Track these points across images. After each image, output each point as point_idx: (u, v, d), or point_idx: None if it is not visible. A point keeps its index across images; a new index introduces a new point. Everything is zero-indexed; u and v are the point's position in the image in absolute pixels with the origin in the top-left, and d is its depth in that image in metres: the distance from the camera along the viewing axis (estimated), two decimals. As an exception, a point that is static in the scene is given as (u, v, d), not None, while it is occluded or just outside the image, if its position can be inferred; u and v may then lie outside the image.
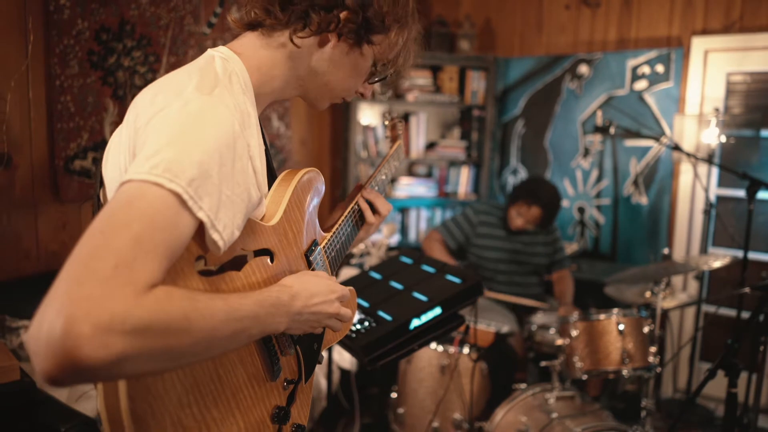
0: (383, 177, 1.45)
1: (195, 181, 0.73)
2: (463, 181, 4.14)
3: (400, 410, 2.67)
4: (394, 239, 4.02)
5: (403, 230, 4.12)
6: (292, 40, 0.94)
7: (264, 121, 3.46)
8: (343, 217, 1.25)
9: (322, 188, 1.13)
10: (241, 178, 0.82)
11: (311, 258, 1.08)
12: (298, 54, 0.97)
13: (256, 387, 0.92)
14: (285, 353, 0.99)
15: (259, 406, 0.93)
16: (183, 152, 0.74)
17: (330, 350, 2.48)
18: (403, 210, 4.11)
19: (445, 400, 2.56)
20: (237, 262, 0.88)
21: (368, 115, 3.97)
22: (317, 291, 0.96)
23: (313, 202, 1.08)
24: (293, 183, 1.02)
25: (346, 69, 1.01)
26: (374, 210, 1.34)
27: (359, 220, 1.31)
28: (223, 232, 0.79)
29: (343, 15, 0.94)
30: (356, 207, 1.29)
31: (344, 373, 2.91)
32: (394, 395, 2.72)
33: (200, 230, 0.77)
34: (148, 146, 0.76)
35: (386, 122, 1.55)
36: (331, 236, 1.19)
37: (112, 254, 0.65)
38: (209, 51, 0.95)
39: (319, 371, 2.76)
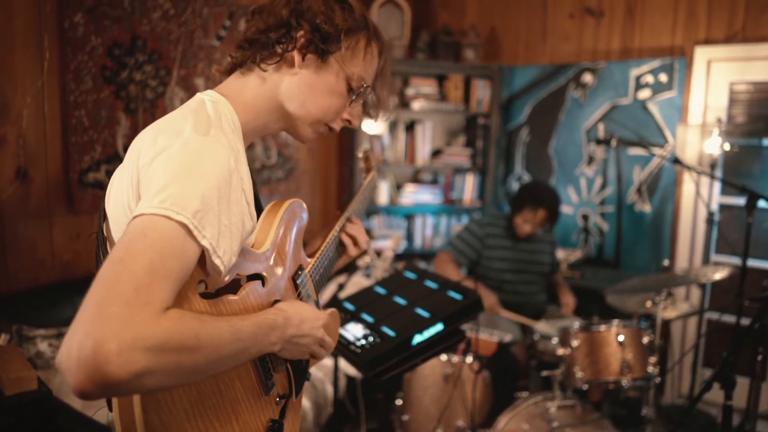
0: (361, 206, 1.54)
1: (199, 213, 0.81)
2: (468, 188, 4.19)
3: (405, 417, 2.72)
4: (400, 247, 4.08)
5: (409, 237, 4.17)
6: (260, 66, 1.02)
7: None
8: (325, 243, 1.33)
9: (306, 217, 1.20)
10: (237, 209, 0.89)
11: (298, 281, 1.15)
12: (273, 83, 1.04)
13: (253, 401, 0.98)
14: (277, 370, 1.05)
15: (255, 419, 0.99)
16: (187, 187, 0.81)
17: (336, 358, 2.54)
18: (408, 217, 4.16)
19: (448, 408, 2.61)
20: (233, 286, 0.94)
21: (374, 124, 4.02)
22: (306, 317, 1.03)
23: (297, 231, 1.16)
24: (280, 213, 1.10)
25: (320, 90, 1.05)
26: (355, 242, 1.43)
27: (339, 246, 1.41)
28: (224, 258, 0.86)
29: (299, 33, 1.01)
30: (337, 234, 1.38)
31: (350, 380, 2.97)
32: (399, 402, 2.78)
33: (200, 257, 0.83)
34: (155, 183, 0.83)
35: (360, 155, 1.65)
36: (316, 261, 1.26)
37: (132, 279, 0.72)
38: (198, 95, 1.02)
39: (326, 378, 2.83)
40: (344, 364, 2.94)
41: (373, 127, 4.00)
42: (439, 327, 1.66)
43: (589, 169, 3.96)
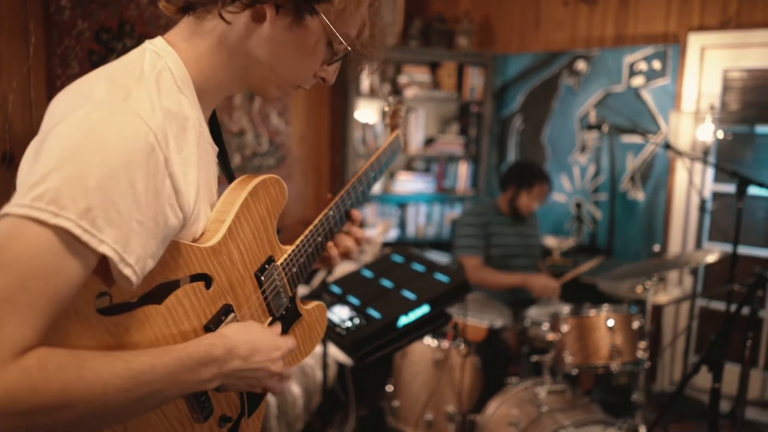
0: (372, 175, 1.26)
1: (92, 211, 0.63)
2: (461, 176, 4.18)
3: (395, 403, 2.72)
4: (392, 234, 4.07)
5: (402, 226, 4.16)
6: (221, 15, 0.80)
7: (263, 118, 3.52)
8: (312, 226, 1.09)
9: (283, 198, 0.98)
10: (154, 200, 0.71)
11: (262, 277, 0.95)
12: (235, 37, 0.83)
13: (179, 430, 0.80)
14: (221, 389, 0.85)
15: None
16: (75, 177, 0.63)
17: (325, 344, 2.54)
18: (401, 205, 4.15)
19: (438, 394, 2.61)
20: (156, 294, 0.76)
21: (367, 111, 4.01)
22: (260, 347, 0.85)
23: (267, 213, 0.95)
24: (243, 194, 0.90)
25: (292, 49, 0.85)
26: (347, 252, 1.17)
27: (333, 230, 1.14)
28: (136, 265, 0.68)
29: None
30: (331, 214, 1.13)
31: (341, 366, 2.97)
32: (389, 388, 2.78)
33: (102, 262, 0.66)
34: (36, 170, 0.64)
35: (386, 107, 1.39)
36: (294, 250, 1.04)
37: None
38: (145, 43, 0.83)
39: (317, 365, 2.82)
40: (334, 351, 2.94)
41: (365, 115, 3.98)
42: (425, 309, 1.65)
43: (583, 157, 3.95)
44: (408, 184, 4.13)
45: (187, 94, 0.81)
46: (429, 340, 2.64)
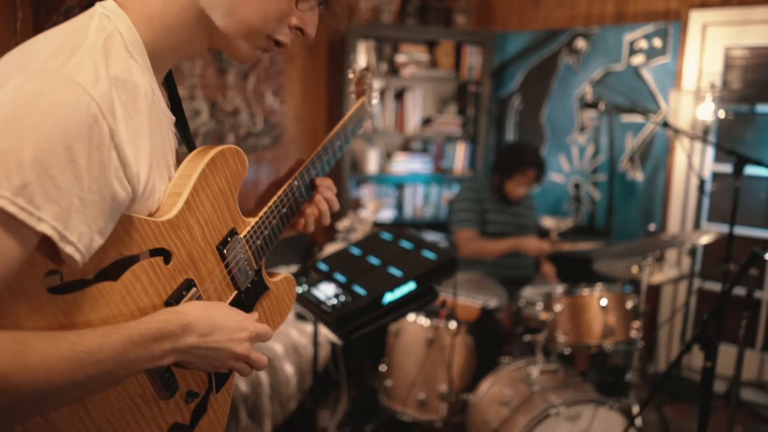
0: (338, 143, 1.22)
1: (29, 187, 0.60)
2: (459, 157, 4.14)
3: (388, 383, 2.72)
4: (389, 215, 4.04)
5: (399, 206, 4.14)
6: None
7: (258, 97, 3.48)
8: (276, 197, 1.05)
9: (243, 169, 0.94)
10: (99, 174, 0.67)
11: (225, 250, 0.91)
12: None
13: (144, 408, 0.78)
14: (184, 365, 0.82)
15: (148, 428, 0.79)
16: (9, 151, 0.59)
17: (316, 325, 2.52)
18: (398, 186, 4.12)
19: (431, 373, 2.60)
20: (111, 271, 0.73)
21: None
22: (221, 325, 0.81)
23: (228, 185, 0.92)
24: (200, 166, 0.86)
25: None
26: (318, 216, 1.14)
27: (299, 200, 1.11)
28: (79, 243, 0.65)
29: None
30: (296, 184, 1.09)
31: (334, 347, 2.96)
32: (382, 368, 2.77)
33: (47, 239, 0.63)
34: None
35: (351, 75, 1.35)
36: (258, 222, 1.00)
37: None
38: (96, 5, 0.77)
39: (310, 344, 2.81)
40: (326, 330, 2.93)
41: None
42: (411, 286, 1.64)
43: (581, 137, 3.90)
44: (405, 164, 4.09)
45: (138, 59, 0.76)
46: (422, 320, 2.63)
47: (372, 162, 4.01)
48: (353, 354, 2.93)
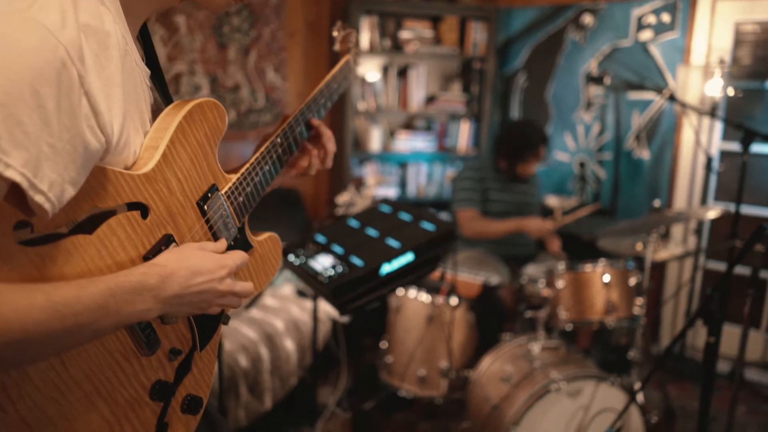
0: (321, 101, 1.22)
1: None
2: (463, 135, 4.09)
3: (389, 359, 2.71)
4: (392, 194, 4.01)
5: (403, 185, 4.11)
6: None
7: (259, 73, 3.44)
8: (258, 154, 1.05)
9: (222, 124, 0.92)
10: (69, 121, 0.64)
11: (205, 206, 0.90)
12: None
13: (125, 364, 0.76)
14: (166, 321, 0.83)
15: (129, 385, 0.77)
16: None
17: (315, 301, 2.51)
18: (402, 165, 4.09)
19: (432, 350, 2.59)
20: (86, 224, 0.71)
21: (368, 68, 3.91)
22: (201, 268, 0.80)
23: (207, 139, 0.90)
24: (177, 119, 0.84)
25: None
26: (322, 153, 1.19)
27: (283, 155, 1.10)
28: (50, 192, 0.62)
29: None
30: (279, 140, 1.09)
31: (335, 323, 2.95)
32: (383, 345, 2.76)
33: (17, 189, 0.61)
34: None
35: (335, 32, 1.34)
36: (240, 177, 0.99)
37: None
38: None
39: (310, 321, 2.80)
40: (328, 307, 2.92)
41: (364, 71, 3.89)
42: (409, 257, 1.61)
43: (587, 114, 3.85)
44: (408, 142, 4.05)
45: (109, 6, 0.73)
46: (423, 296, 2.61)
47: (375, 140, 3.97)
48: (354, 332, 2.92)
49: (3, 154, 0.58)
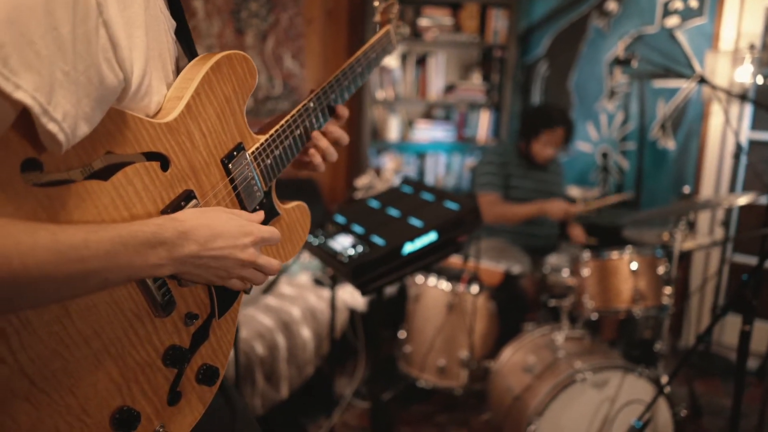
0: (359, 70, 1.15)
1: (4, 49, 0.52)
2: (482, 125, 4.02)
3: (407, 349, 2.65)
4: (402, 170, 3.95)
5: (421, 175, 4.04)
6: None
7: (277, 60, 3.40)
8: (290, 116, 0.98)
9: (252, 78, 0.87)
10: (85, 50, 0.59)
11: (230, 165, 0.84)
12: None
13: (137, 324, 0.71)
14: (183, 283, 0.76)
15: (141, 347, 0.72)
16: None
17: (333, 289, 2.46)
18: (420, 155, 4.02)
19: (451, 339, 2.53)
20: (102, 172, 0.66)
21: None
22: (222, 232, 0.74)
23: (234, 94, 0.84)
24: (204, 69, 0.79)
25: None
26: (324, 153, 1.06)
27: (311, 124, 1.03)
28: (64, 122, 0.57)
29: None
30: (312, 105, 1.02)
31: (353, 313, 2.90)
32: (401, 335, 2.70)
33: (27, 122, 0.56)
34: None
35: (376, 3, 1.29)
36: (269, 138, 0.93)
37: None
38: None
39: (327, 309, 2.75)
40: (348, 297, 2.87)
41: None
42: (432, 236, 1.55)
43: (610, 103, 3.76)
44: (427, 132, 3.99)
45: None
46: (443, 284, 2.55)
47: (393, 129, 3.91)
48: (372, 321, 2.87)
49: (12, 73, 0.52)
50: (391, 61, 3.85)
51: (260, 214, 0.87)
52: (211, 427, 0.86)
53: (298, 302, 2.70)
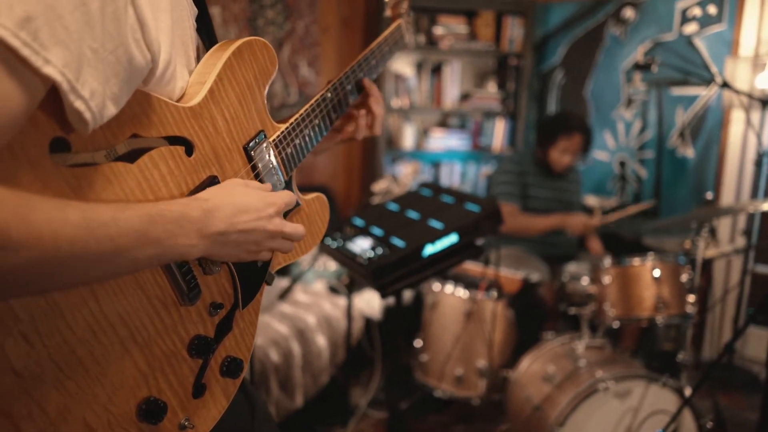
0: (373, 62, 1.17)
1: (33, 21, 0.50)
2: (498, 133, 4.00)
3: (424, 357, 2.61)
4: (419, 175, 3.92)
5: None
6: None
7: (293, 68, 3.40)
8: (308, 106, 0.99)
9: (272, 66, 0.87)
10: (114, 28, 0.58)
11: (253, 152, 0.84)
12: None
13: (163, 313, 0.70)
14: (208, 270, 0.76)
15: (167, 335, 0.71)
16: None
17: (350, 297, 2.43)
18: (435, 163, 4.00)
19: (469, 348, 2.49)
20: (128, 154, 0.65)
21: (400, 63, 3.85)
22: (246, 205, 0.74)
23: (255, 81, 0.84)
24: (226, 54, 0.79)
25: None
26: (370, 116, 1.13)
27: (333, 111, 1.05)
28: (91, 101, 0.56)
29: None
30: (329, 95, 1.04)
31: (368, 321, 2.87)
32: (418, 343, 2.66)
33: (56, 100, 0.54)
34: None
35: None
36: (289, 127, 0.93)
37: None
38: None
39: (343, 317, 2.72)
40: (364, 305, 2.84)
41: (399, 67, 3.83)
42: (453, 238, 1.53)
43: (628, 112, 3.72)
44: (442, 141, 3.97)
45: None
46: (460, 292, 2.51)
47: (408, 138, 3.90)
48: (388, 329, 2.83)
49: (41, 48, 0.50)
50: (406, 69, 3.84)
51: (269, 185, 0.85)
52: (232, 421, 0.84)
53: (313, 310, 2.67)
